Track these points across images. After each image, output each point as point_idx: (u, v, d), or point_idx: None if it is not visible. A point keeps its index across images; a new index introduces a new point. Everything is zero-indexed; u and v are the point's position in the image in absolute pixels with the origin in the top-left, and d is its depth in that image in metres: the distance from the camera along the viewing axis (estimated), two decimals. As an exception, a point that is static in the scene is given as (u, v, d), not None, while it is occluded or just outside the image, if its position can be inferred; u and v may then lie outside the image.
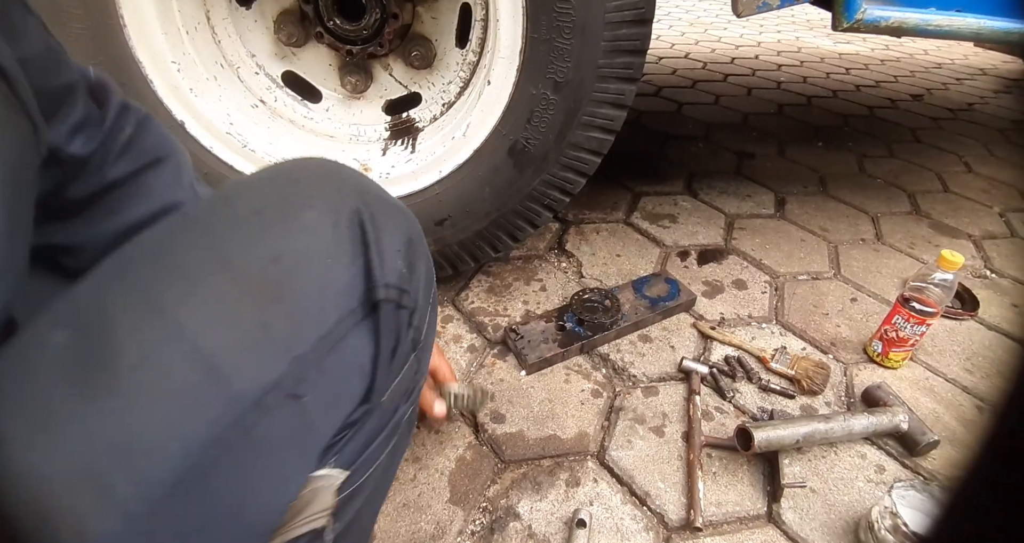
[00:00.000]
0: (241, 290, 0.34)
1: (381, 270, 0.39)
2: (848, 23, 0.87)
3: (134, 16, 0.84)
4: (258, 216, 0.37)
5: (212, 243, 0.36)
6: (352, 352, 0.38)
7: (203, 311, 0.33)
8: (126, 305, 0.32)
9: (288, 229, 0.37)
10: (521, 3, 0.85)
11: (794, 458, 0.90)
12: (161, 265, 0.35)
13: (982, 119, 2.60)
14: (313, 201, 0.39)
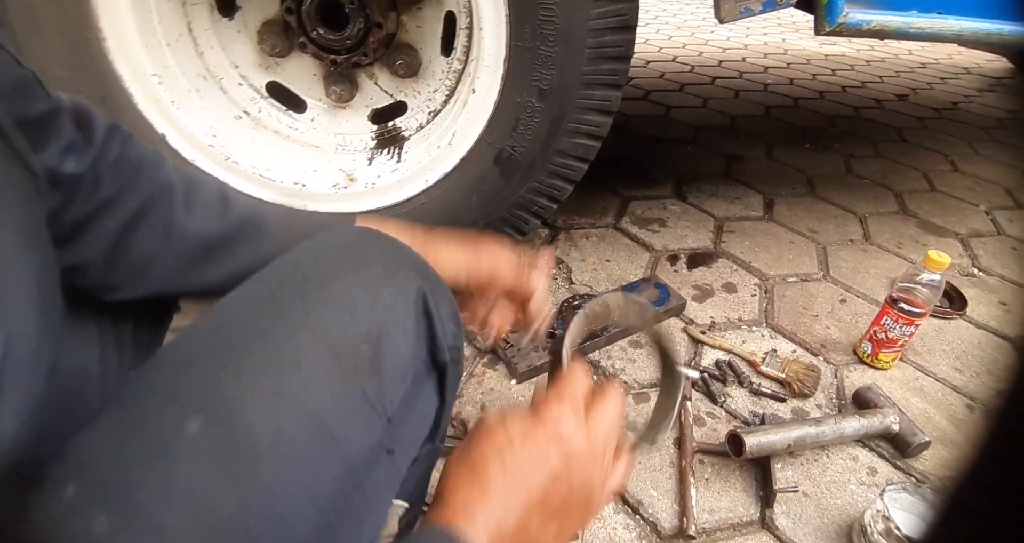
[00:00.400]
0: (344, 367, 0.40)
1: (443, 335, 0.47)
2: (830, 27, 0.88)
3: (113, 29, 0.83)
4: (346, 297, 0.43)
5: (312, 325, 0.41)
6: (424, 405, 0.46)
7: (318, 388, 0.38)
8: (251, 389, 0.37)
9: (373, 308, 0.44)
10: (504, 11, 0.85)
11: (786, 462, 0.90)
12: (272, 350, 0.39)
13: (967, 118, 2.62)
14: (387, 281, 0.46)
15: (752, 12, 0.83)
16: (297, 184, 0.97)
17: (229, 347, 0.39)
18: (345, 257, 0.46)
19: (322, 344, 0.40)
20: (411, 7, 1.03)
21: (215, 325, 0.41)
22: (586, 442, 0.44)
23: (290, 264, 0.45)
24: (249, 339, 0.40)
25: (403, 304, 0.45)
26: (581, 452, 0.43)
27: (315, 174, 0.99)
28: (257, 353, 0.39)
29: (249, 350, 0.39)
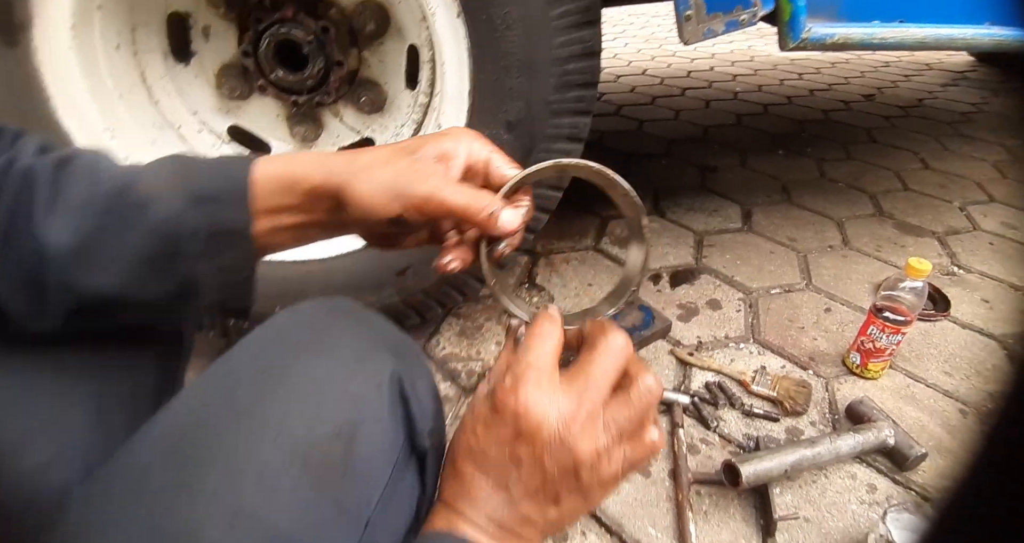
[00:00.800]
0: (313, 474, 0.36)
1: (421, 418, 0.43)
2: (795, 43, 0.87)
3: (58, 84, 0.80)
4: (312, 391, 0.39)
5: (275, 429, 0.37)
6: (405, 495, 0.43)
7: (284, 503, 0.35)
8: (210, 512, 0.33)
9: (343, 401, 0.39)
10: (465, 45, 0.83)
11: (784, 486, 0.88)
12: (231, 463, 0.35)
13: (933, 114, 2.67)
14: (357, 368, 0.42)
15: (715, 33, 0.82)
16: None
17: (185, 461, 0.36)
18: (309, 343, 0.42)
19: (287, 450, 0.36)
20: (372, 43, 1.01)
21: (171, 430, 0.38)
22: (556, 420, 0.37)
23: (248, 354, 0.42)
24: (206, 449, 0.36)
25: (376, 392, 0.41)
26: (551, 433, 0.37)
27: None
28: (216, 467, 0.35)
29: (207, 463, 0.35)
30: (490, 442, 0.38)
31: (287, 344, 0.42)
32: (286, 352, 0.41)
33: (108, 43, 0.85)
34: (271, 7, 0.95)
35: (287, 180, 0.42)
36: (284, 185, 0.42)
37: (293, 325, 0.44)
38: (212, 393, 0.39)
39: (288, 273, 0.95)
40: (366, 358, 0.42)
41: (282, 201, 0.42)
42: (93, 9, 0.82)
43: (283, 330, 0.44)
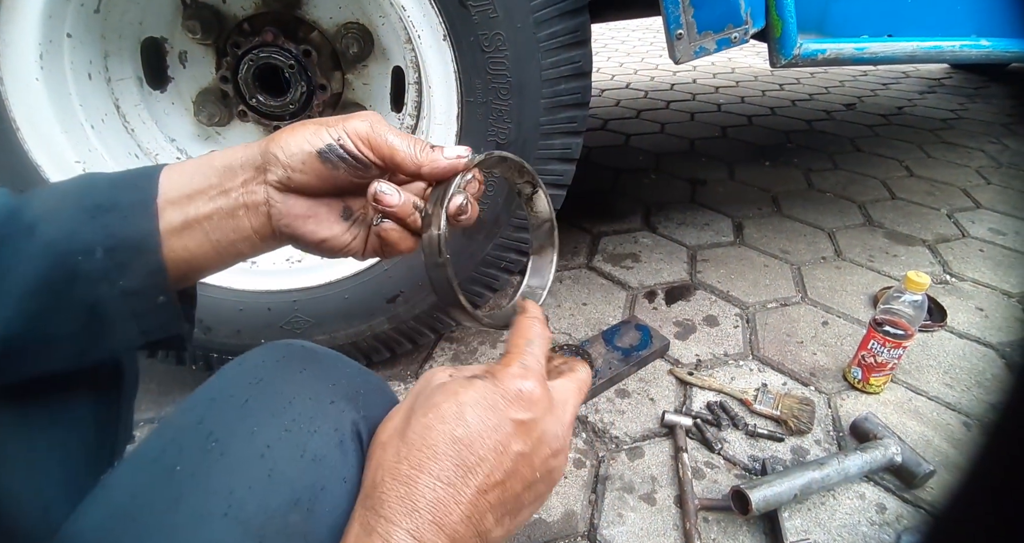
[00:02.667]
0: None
1: None
2: (786, 60, 0.87)
3: (26, 116, 0.77)
4: (264, 458, 0.35)
5: (224, 504, 0.33)
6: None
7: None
8: None
9: (300, 464, 0.35)
10: (452, 68, 0.81)
11: (793, 510, 0.85)
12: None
13: (913, 121, 2.70)
14: (314, 425, 0.37)
15: (707, 51, 0.81)
16: (247, 262, 0.90)
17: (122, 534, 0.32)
18: (258, 401, 0.38)
19: (237, 529, 0.32)
20: (356, 65, 0.99)
21: (110, 511, 0.33)
22: (554, 424, 0.36)
23: (194, 417, 0.37)
24: (147, 535, 0.32)
25: (337, 450, 0.37)
26: (549, 436, 0.36)
27: (266, 248, 0.93)
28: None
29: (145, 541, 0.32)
30: (492, 439, 0.34)
31: (234, 404, 0.37)
32: (233, 414, 0.37)
33: (79, 72, 0.82)
34: (250, 31, 0.92)
35: (200, 163, 0.39)
36: (196, 168, 0.38)
37: (240, 381, 0.40)
38: (153, 466, 0.35)
39: (275, 302, 0.91)
40: (323, 413, 0.38)
41: (196, 185, 0.38)
42: (61, 37, 0.78)
43: (230, 387, 0.39)
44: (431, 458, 0.33)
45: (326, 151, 0.38)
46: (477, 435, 0.33)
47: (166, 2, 0.90)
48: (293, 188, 0.39)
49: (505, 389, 0.35)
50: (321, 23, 0.95)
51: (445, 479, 0.32)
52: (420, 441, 0.33)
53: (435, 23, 0.78)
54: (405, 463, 0.33)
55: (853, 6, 1.00)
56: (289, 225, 0.40)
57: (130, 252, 0.36)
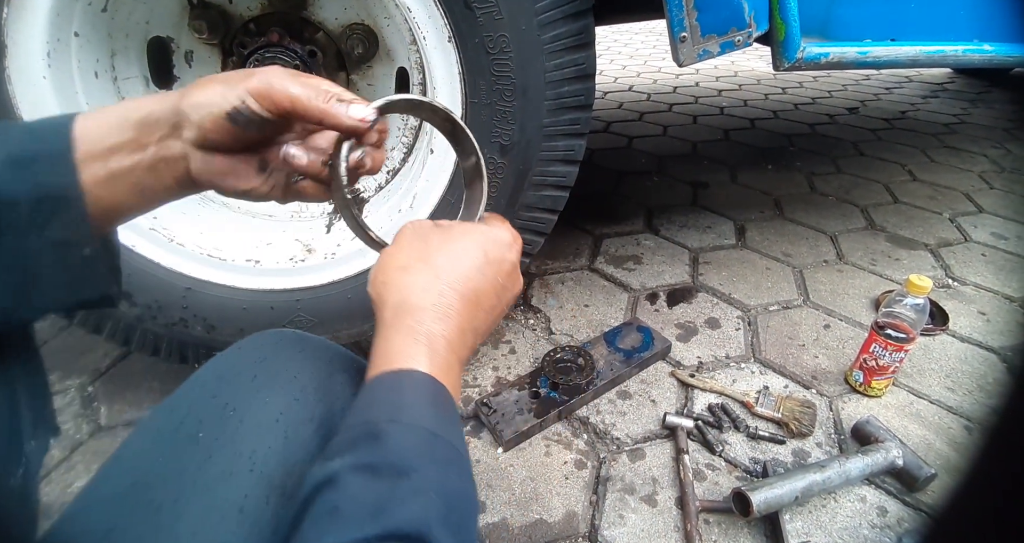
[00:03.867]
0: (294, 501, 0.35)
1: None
2: (789, 63, 0.87)
3: (35, 116, 0.77)
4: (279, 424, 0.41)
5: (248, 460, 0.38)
6: None
7: (268, 534, 0.36)
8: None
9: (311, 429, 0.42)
10: (457, 69, 0.81)
11: (794, 512, 0.85)
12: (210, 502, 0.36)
13: (916, 126, 2.70)
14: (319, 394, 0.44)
15: (711, 54, 0.81)
16: (250, 261, 0.91)
17: (159, 509, 0.35)
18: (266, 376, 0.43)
19: (263, 482, 0.37)
20: (360, 66, 1.00)
21: (137, 477, 0.37)
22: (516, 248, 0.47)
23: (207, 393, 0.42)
24: (179, 492, 0.36)
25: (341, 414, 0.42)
26: (515, 260, 0.46)
27: (269, 248, 0.93)
28: (191, 507, 0.35)
29: (181, 505, 0.35)
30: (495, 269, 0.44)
31: (244, 379, 0.42)
32: (245, 387, 0.42)
33: (86, 71, 0.83)
34: (256, 32, 0.93)
35: (115, 117, 0.39)
36: (113, 123, 0.38)
37: (245, 360, 0.45)
38: (174, 435, 0.39)
39: (278, 302, 0.92)
40: (325, 386, 0.44)
41: (112, 140, 0.38)
42: (69, 36, 0.79)
43: (236, 365, 0.44)
44: (458, 279, 0.41)
45: (234, 113, 0.39)
46: (489, 265, 0.44)
47: (173, 2, 0.90)
48: (209, 146, 0.40)
49: (506, 235, 0.46)
50: (326, 24, 0.95)
51: (468, 297, 0.41)
52: (449, 265, 0.42)
53: (440, 25, 0.78)
54: (437, 281, 0.41)
55: (856, 10, 1.01)
56: (210, 180, 0.42)
57: (55, 203, 0.36)
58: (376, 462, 0.31)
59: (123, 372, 1.10)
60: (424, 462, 0.32)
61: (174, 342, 0.93)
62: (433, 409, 0.35)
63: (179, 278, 0.88)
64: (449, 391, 0.37)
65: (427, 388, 0.36)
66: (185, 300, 0.89)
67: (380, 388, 0.36)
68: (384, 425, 0.32)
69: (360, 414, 0.34)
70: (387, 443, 0.32)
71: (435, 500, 0.30)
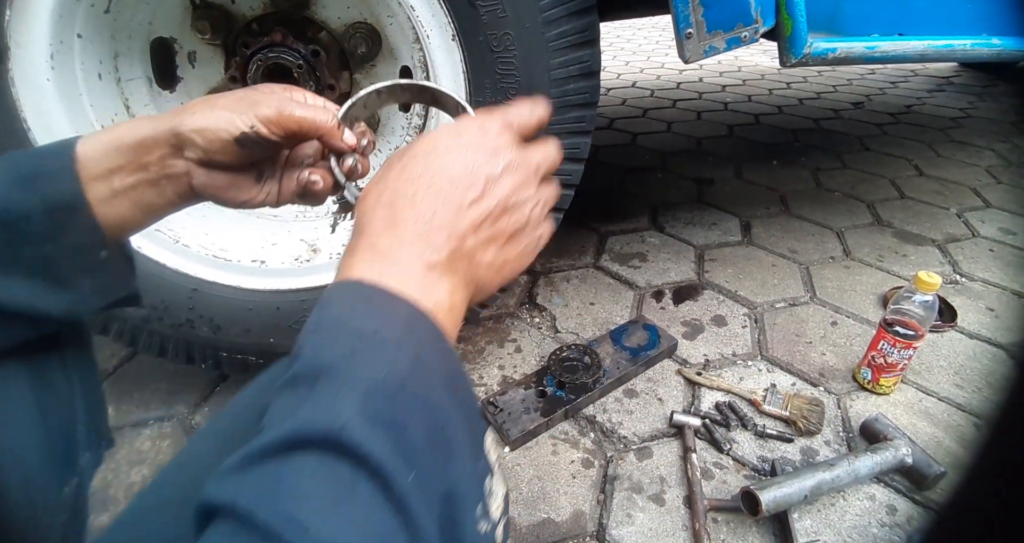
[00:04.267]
0: None
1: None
2: (796, 59, 0.86)
3: (38, 118, 0.77)
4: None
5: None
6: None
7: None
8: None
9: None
10: (461, 68, 0.81)
11: (803, 511, 0.85)
12: None
13: (922, 120, 2.68)
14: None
15: (717, 51, 0.81)
16: (256, 262, 0.91)
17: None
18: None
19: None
20: (364, 65, 0.99)
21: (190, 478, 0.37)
22: (519, 155, 0.39)
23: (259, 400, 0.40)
24: None
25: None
26: (514, 165, 0.38)
27: (274, 248, 0.93)
28: None
29: None
30: (451, 157, 0.37)
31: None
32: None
33: (89, 72, 0.83)
34: (259, 32, 0.92)
35: (111, 141, 0.41)
36: (109, 146, 0.41)
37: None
38: (232, 439, 0.38)
39: (284, 302, 0.92)
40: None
41: (111, 162, 0.41)
42: (72, 38, 0.79)
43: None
44: (408, 184, 0.36)
45: (242, 139, 0.42)
46: (449, 160, 0.37)
47: (176, 3, 0.90)
48: (212, 165, 0.43)
49: (470, 123, 0.39)
50: (329, 23, 0.95)
51: (422, 197, 0.35)
52: (396, 176, 0.37)
53: (444, 23, 0.78)
54: (385, 193, 0.36)
55: (864, 5, 1.00)
56: (213, 194, 0.45)
57: (65, 211, 0.40)
58: (294, 374, 0.28)
59: (130, 373, 1.10)
60: (346, 365, 0.28)
61: (180, 343, 0.93)
62: (374, 312, 0.31)
63: (185, 279, 0.88)
64: (400, 296, 0.33)
65: (353, 292, 0.33)
66: (191, 301, 0.89)
67: (319, 303, 0.33)
68: (305, 336, 0.30)
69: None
70: (302, 356, 0.29)
71: (355, 401, 0.27)
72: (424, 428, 0.28)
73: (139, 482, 0.89)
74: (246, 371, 0.96)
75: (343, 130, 0.46)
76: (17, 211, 0.38)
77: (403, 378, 0.29)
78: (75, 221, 0.40)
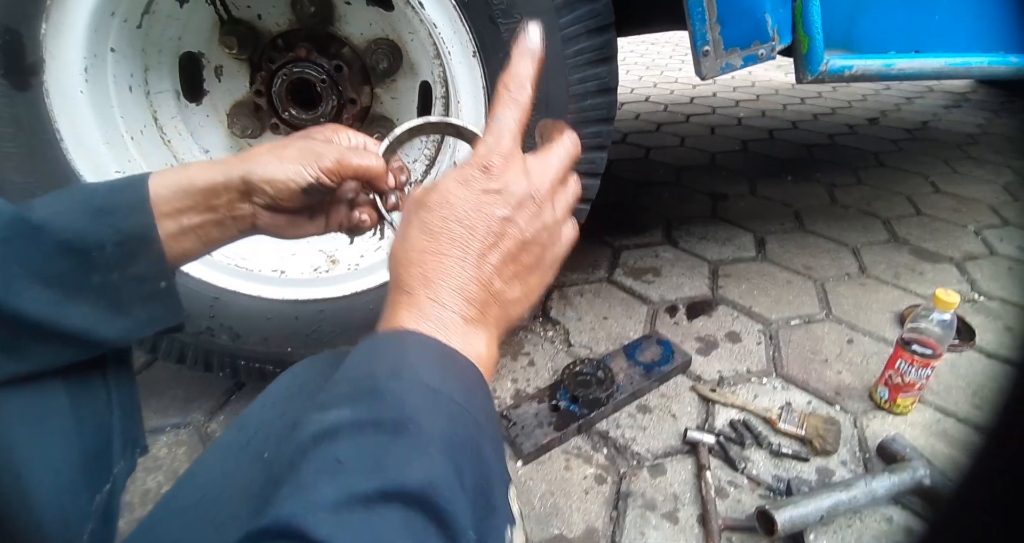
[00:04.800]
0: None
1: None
2: (813, 76, 0.87)
3: (70, 127, 0.79)
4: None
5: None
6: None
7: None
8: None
9: None
10: (481, 83, 0.82)
11: (819, 532, 0.84)
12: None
13: (939, 136, 2.67)
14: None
15: (734, 68, 0.81)
16: (276, 271, 0.92)
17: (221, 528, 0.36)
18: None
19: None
20: (385, 80, 1.01)
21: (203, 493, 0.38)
22: (529, 182, 0.39)
23: (274, 413, 0.43)
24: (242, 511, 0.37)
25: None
26: (526, 197, 0.38)
27: (294, 258, 0.94)
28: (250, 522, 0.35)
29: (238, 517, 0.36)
30: (464, 209, 0.37)
31: (311, 399, 0.42)
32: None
33: (120, 85, 0.85)
34: (284, 47, 0.94)
35: (182, 183, 0.44)
36: (179, 188, 0.44)
37: (314, 379, 0.45)
38: (240, 453, 0.39)
39: (302, 312, 0.93)
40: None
41: (181, 203, 0.44)
42: (106, 51, 0.81)
43: (306, 385, 0.45)
44: (431, 240, 0.37)
45: (309, 189, 0.47)
46: (461, 210, 0.37)
47: (204, 18, 0.93)
48: (276, 209, 0.48)
49: (474, 167, 0.38)
50: (352, 39, 0.97)
51: (446, 252, 0.36)
52: (419, 233, 0.37)
53: (465, 40, 0.79)
54: (413, 251, 0.37)
55: (880, 22, 1.00)
56: (275, 232, 0.50)
57: (136, 244, 0.43)
58: (377, 417, 0.29)
59: (148, 379, 1.12)
60: (427, 420, 0.30)
61: (200, 350, 0.94)
62: (440, 368, 0.33)
63: (207, 288, 0.90)
64: (458, 352, 0.34)
65: (427, 347, 0.34)
66: (212, 309, 0.90)
67: (378, 345, 0.34)
68: (384, 380, 0.31)
69: (358, 367, 0.33)
70: (386, 398, 0.30)
71: (440, 459, 0.28)
72: (475, 483, 0.29)
73: (154, 489, 0.90)
74: (263, 379, 0.97)
75: (389, 173, 0.51)
76: (92, 241, 0.41)
77: (469, 437, 0.31)
78: (145, 253, 0.43)
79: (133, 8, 0.82)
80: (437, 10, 0.78)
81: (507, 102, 0.40)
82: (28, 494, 0.40)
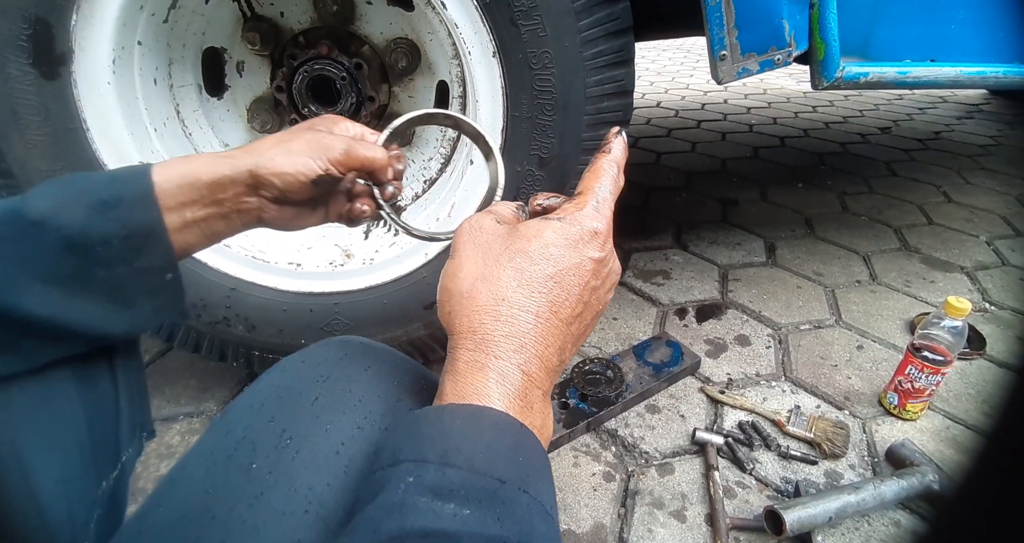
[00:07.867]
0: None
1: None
2: (828, 82, 0.87)
3: (96, 117, 0.81)
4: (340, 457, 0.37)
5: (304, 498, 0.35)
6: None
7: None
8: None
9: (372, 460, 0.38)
10: (500, 83, 0.83)
11: (826, 534, 0.84)
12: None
13: (951, 146, 2.66)
14: (386, 421, 0.40)
15: (750, 73, 0.82)
16: (292, 264, 0.93)
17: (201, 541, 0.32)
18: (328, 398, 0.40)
19: (319, 525, 0.33)
20: (403, 79, 1.02)
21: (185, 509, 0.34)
22: (615, 258, 0.40)
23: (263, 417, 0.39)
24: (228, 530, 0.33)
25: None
26: (611, 271, 0.39)
27: (310, 252, 0.96)
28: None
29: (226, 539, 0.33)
30: (576, 274, 0.36)
31: (304, 402, 0.39)
32: (304, 412, 0.38)
33: (146, 78, 0.87)
34: (305, 44, 0.96)
35: (187, 177, 0.43)
36: (184, 181, 0.43)
37: (307, 378, 0.41)
38: (227, 463, 0.36)
39: (317, 305, 0.94)
40: (392, 411, 0.40)
41: (185, 196, 0.43)
42: (133, 44, 0.83)
43: (297, 385, 0.41)
44: (528, 297, 0.35)
45: (318, 180, 0.47)
46: (565, 273, 0.36)
47: (228, 14, 0.94)
48: (283, 202, 0.48)
49: (583, 228, 0.37)
50: (372, 38, 0.98)
51: (544, 316, 0.35)
52: (515, 283, 0.35)
53: (485, 41, 0.80)
54: (504, 304, 0.34)
55: (896, 30, 1.00)
56: (280, 225, 0.50)
57: (143, 239, 0.42)
58: (505, 538, 0.27)
59: (162, 368, 1.13)
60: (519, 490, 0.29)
61: (215, 340, 0.96)
62: (550, 481, 0.32)
63: (224, 278, 0.91)
64: (535, 434, 0.33)
65: (537, 453, 0.32)
66: (229, 300, 0.92)
67: (489, 426, 0.32)
68: (513, 492, 0.29)
69: (472, 450, 0.30)
70: (516, 515, 0.28)
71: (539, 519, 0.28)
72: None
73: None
74: (276, 371, 0.98)
75: (393, 163, 0.52)
76: (97, 236, 0.39)
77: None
78: (152, 247, 0.42)
79: (160, 3, 0.84)
80: (459, 11, 0.79)
81: (611, 178, 0.41)
82: (33, 480, 0.39)
